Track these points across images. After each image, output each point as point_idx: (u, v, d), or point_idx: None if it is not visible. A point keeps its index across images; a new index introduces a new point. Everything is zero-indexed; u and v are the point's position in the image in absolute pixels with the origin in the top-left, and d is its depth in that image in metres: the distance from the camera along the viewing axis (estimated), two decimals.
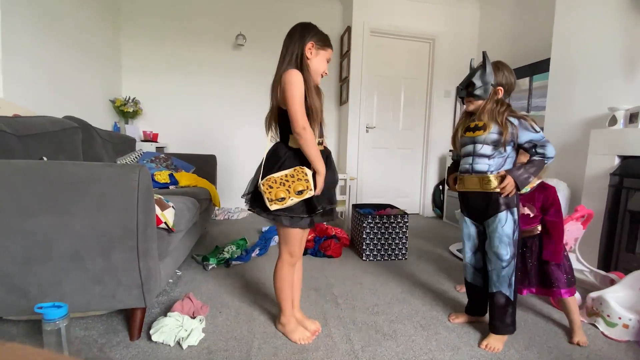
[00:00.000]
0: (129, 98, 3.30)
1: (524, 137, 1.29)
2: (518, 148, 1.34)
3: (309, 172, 1.19)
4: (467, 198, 1.40)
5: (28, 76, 2.11)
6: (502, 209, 1.29)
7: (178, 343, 1.26)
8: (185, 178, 2.53)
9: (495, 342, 1.32)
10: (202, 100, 3.68)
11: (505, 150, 1.30)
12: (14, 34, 1.97)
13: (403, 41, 3.75)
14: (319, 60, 1.24)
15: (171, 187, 2.40)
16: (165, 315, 1.36)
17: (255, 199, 1.27)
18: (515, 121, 1.29)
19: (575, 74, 2.30)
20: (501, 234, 1.30)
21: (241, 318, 1.49)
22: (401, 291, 1.83)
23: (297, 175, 1.18)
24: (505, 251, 1.30)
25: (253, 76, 3.75)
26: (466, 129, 1.37)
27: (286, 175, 1.18)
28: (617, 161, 1.89)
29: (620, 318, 1.41)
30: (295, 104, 1.14)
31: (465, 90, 1.34)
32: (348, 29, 3.62)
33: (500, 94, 1.32)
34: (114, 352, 1.21)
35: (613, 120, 1.95)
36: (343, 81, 3.80)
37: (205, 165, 3.06)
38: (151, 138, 3.36)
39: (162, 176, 2.39)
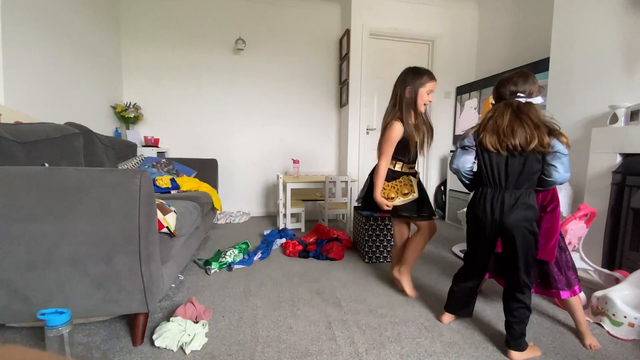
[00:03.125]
0: (130, 104, 3.31)
1: None
2: None
3: (414, 180, 1.70)
4: None
5: (29, 83, 2.12)
6: None
7: (181, 348, 1.26)
8: (187, 182, 2.53)
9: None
10: (202, 105, 3.69)
11: None
12: (15, 41, 1.99)
13: (402, 43, 3.76)
14: (421, 95, 1.62)
15: (173, 191, 2.40)
16: (168, 320, 1.36)
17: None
18: None
19: (575, 73, 2.30)
20: None
21: (244, 322, 1.48)
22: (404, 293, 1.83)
23: (404, 181, 1.70)
24: None
25: (253, 80, 3.77)
26: None
27: (396, 182, 1.71)
28: (619, 159, 1.88)
29: (625, 317, 1.40)
30: (384, 145, 1.67)
31: None
32: (347, 32, 3.63)
33: None
34: (117, 358, 1.21)
35: (614, 118, 1.95)
36: (343, 84, 3.81)
37: (206, 170, 3.06)
38: (152, 143, 3.37)
39: (164, 181, 2.40)
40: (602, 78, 2.14)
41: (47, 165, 1.53)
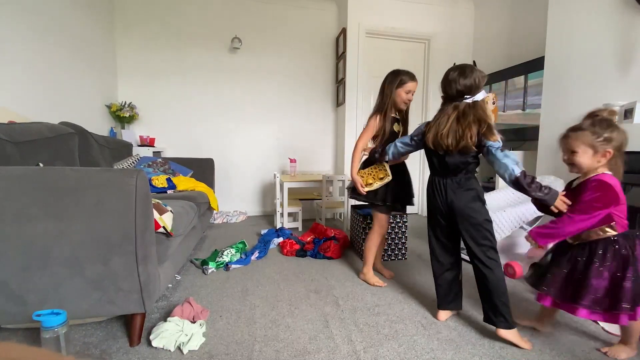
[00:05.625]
0: (125, 103, 3.29)
1: None
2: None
3: (387, 166, 1.81)
4: None
5: (23, 82, 2.10)
6: None
7: (179, 348, 1.26)
8: (183, 182, 2.52)
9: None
10: (198, 104, 3.67)
11: None
12: (8, 39, 1.96)
13: (398, 42, 3.77)
14: (399, 94, 1.79)
15: (169, 191, 2.39)
16: (165, 320, 1.36)
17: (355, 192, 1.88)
18: None
19: (570, 72, 2.31)
20: None
21: (242, 322, 1.48)
22: (402, 291, 1.83)
23: (379, 167, 1.83)
24: None
25: (249, 79, 3.75)
26: None
27: (371, 169, 1.85)
28: None
29: None
30: (363, 132, 1.89)
31: None
32: (343, 31, 3.62)
33: None
34: (114, 358, 1.20)
35: None
36: (339, 83, 3.81)
37: (202, 169, 3.05)
38: (148, 142, 3.35)
39: (160, 181, 2.38)
40: (597, 76, 2.15)
41: (41, 165, 1.52)
